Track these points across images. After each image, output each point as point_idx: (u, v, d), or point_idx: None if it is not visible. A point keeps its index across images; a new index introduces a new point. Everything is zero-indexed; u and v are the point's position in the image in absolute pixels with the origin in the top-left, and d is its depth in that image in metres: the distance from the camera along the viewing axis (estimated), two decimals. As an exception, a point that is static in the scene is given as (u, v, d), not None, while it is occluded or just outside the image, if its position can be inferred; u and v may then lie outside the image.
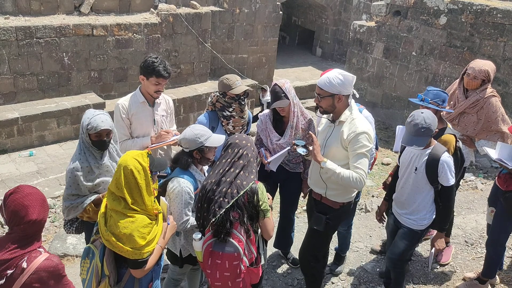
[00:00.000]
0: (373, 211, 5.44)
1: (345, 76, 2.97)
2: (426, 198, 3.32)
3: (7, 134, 7.83)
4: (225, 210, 2.53)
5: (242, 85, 3.60)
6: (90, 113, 2.96)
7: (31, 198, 2.13)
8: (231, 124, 3.63)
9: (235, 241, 2.52)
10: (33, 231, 2.16)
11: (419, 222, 3.37)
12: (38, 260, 2.09)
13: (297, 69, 14.61)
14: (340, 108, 3.07)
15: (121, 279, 2.51)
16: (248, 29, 11.37)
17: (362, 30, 9.51)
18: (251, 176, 2.63)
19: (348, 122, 3.04)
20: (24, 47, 8.13)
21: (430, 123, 3.07)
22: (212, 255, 2.57)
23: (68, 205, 2.98)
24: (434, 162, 3.15)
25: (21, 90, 8.38)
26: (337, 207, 3.27)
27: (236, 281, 2.59)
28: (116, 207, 2.39)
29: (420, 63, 8.60)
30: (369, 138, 2.98)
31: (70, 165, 2.95)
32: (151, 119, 3.69)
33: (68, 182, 2.95)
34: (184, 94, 9.98)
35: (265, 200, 2.65)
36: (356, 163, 2.98)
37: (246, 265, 2.59)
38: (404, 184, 3.40)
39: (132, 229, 2.36)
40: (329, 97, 3.01)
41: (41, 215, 2.17)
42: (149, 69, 3.47)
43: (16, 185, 6.32)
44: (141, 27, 9.35)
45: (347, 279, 4.19)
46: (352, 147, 2.98)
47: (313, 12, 16.39)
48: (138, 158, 2.40)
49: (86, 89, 9.15)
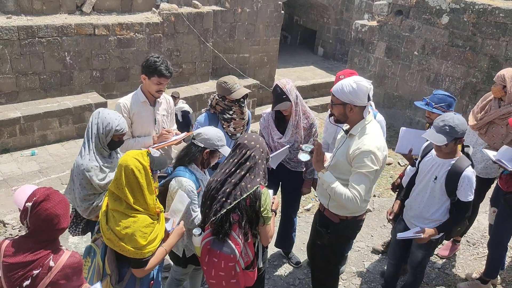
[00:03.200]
0: (374, 210, 5.43)
1: (359, 84, 2.74)
2: (441, 209, 3.20)
3: (9, 133, 7.85)
4: (226, 211, 2.52)
5: (241, 88, 3.56)
6: (113, 114, 2.95)
7: (62, 206, 2.14)
8: (232, 126, 3.62)
9: (233, 243, 2.51)
10: (59, 234, 2.18)
11: None
12: (64, 258, 2.11)
13: (298, 68, 14.61)
14: (352, 119, 2.87)
15: (123, 278, 2.51)
16: (249, 29, 11.37)
17: (364, 30, 9.50)
18: (257, 179, 2.57)
19: (358, 137, 2.84)
20: (26, 46, 8.14)
21: (458, 124, 2.93)
22: (210, 253, 2.57)
23: (88, 205, 2.97)
24: (456, 174, 3.03)
25: (23, 89, 8.40)
26: (336, 220, 3.10)
27: (230, 282, 2.58)
28: (118, 207, 2.39)
29: (422, 63, 8.58)
30: (375, 159, 2.76)
31: (79, 166, 2.91)
32: (152, 118, 3.69)
33: (82, 184, 2.92)
34: (186, 94, 9.99)
35: (267, 207, 2.60)
36: (354, 182, 2.82)
37: (242, 267, 2.58)
38: (420, 191, 3.28)
39: (134, 228, 2.36)
40: (340, 105, 2.83)
41: (69, 221, 2.22)
42: (151, 69, 3.46)
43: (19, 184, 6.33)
44: (143, 26, 9.35)
45: (348, 279, 4.19)
46: (355, 164, 2.81)
47: (315, 11, 16.37)
48: (138, 158, 2.40)
49: (88, 88, 9.16)
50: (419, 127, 8.01)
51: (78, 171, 2.91)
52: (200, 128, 3.08)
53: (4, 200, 5.96)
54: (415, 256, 3.45)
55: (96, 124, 2.91)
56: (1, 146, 7.82)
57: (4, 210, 5.60)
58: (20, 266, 2.07)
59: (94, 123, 2.92)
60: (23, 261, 2.07)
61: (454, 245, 4.54)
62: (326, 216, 3.17)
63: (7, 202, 5.87)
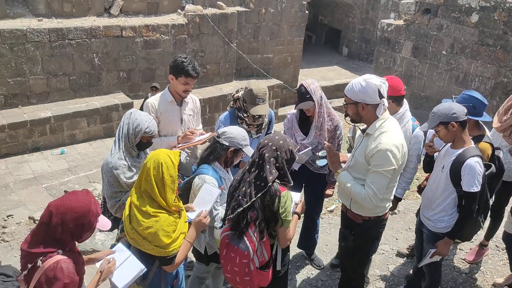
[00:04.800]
0: (399, 213, 5.35)
1: (368, 82, 2.71)
2: (447, 200, 3.15)
3: (40, 132, 8.10)
4: (243, 209, 2.54)
5: (262, 105, 3.54)
6: (143, 116, 3.02)
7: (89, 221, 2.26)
8: (244, 124, 3.67)
9: (248, 241, 2.51)
10: (72, 242, 2.26)
11: (436, 224, 3.23)
12: (49, 261, 2.15)
13: (322, 68, 14.52)
14: (367, 119, 2.84)
15: (147, 276, 2.56)
16: (274, 29, 11.37)
17: (390, 29, 9.36)
18: (269, 177, 2.53)
19: (375, 135, 2.79)
20: (57, 48, 8.38)
21: (440, 109, 3.00)
22: (228, 247, 2.60)
23: (114, 203, 3.05)
24: (459, 164, 3.00)
25: (53, 90, 8.65)
26: (359, 221, 3.06)
27: (244, 279, 2.59)
28: (141, 205, 2.44)
29: (451, 62, 8.39)
30: (393, 158, 2.72)
31: (108, 164, 2.98)
32: (179, 118, 3.74)
33: (109, 181, 3.00)
34: (210, 94, 10.08)
35: (287, 210, 2.57)
36: (369, 181, 2.80)
37: (256, 266, 2.58)
38: (430, 180, 3.30)
39: (156, 228, 2.40)
40: (353, 104, 2.81)
41: (87, 237, 2.34)
42: (178, 69, 3.52)
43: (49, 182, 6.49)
44: (169, 28, 9.49)
45: (372, 282, 4.14)
46: (372, 163, 2.78)
47: (340, 11, 16.24)
48: (170, 155, 2.48)
49: (115, 89, 9.36)
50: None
51: (107, 169, 2.99)
52: (225, 127, 3.11)
53: (35, 197, 6.16)
54: (425, 252, 3.40)
55: (127, 125, 2.98)
56: (32, 145, 8.08)
57: (34, 207, 5.78)
58: (23, 254, 2.19)
59: (125, 123, 2.99)
60: (25, 250, 2.17)
61: (481, 250, 4.41)
62: (349, 217, 3.15)
63: (38, 199, 6.07)
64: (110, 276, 2.41)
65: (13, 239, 4.95)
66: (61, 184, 6.66)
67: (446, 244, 3.17)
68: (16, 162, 7.63)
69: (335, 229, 4.81)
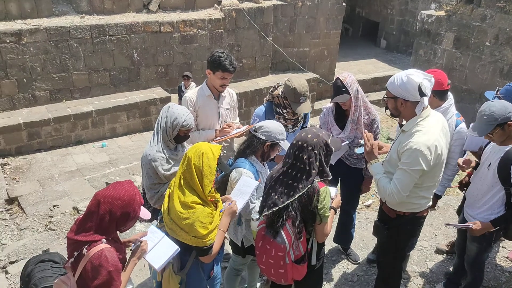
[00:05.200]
0: (439, 209, 5.22)
1: (409, 78, 2.64)
2: (495, 198, 3.06)
3: (83, 126, 8.41)
4: (278, 208, 2.53)
5: (305, 102, 3.53)
6: (181, 110, 3.08)
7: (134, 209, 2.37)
8: (281, 119, 3.66)
9: (285, 235, 2.51)
10: (115, 230, 2.36)
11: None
12: (94, 250, 2.24)
13: (360, 61, 14.26)
14: (405, 115, 2.81)
15: (185, 266, 2.63)
16: (310, 22, 11.26)
17: (430, 20, 9.08)
18: (309, 179, 2.52)
19: (409, 133, 2.77)
20: (98, 44, 8.65)
21: (495, 111, 2.83)
22: (264, 239, 2.61)
23: (153, 194, 3.15)
24: (508, 160, 2.89)
25: (95, 85, 8.95)
26: (393, 216, 3.05)
27: (278, 271, 2.61)
28: (180, 195, 2.50)
29: (495, 54, 8.05)
30: (422, 158, 2.67)
31: (147, 156, 3.06)
32: (216, 112, 3.80)
33: (148, 173, 3.09)
34: (246, 88, 10.11)
35: (325, 206, 2.57)
36: (395, 178, 2.80)
37: (292, 260, 2.59)
38: (477, 179, 3.19)
39: (193, 219, 2.46)
40: (392, 99, 2.78)
41: (130, 226, 2.44)
42: (216, 64, 3.57)
43: (91, 174, 6.72)
44: (205, 22, 9.58)
45: (410, 278, 4.07)
46: (401, 160, 2.78)
47: (378, 2, 15.87)
48: (212, 148, 2.54)
49: (153, 83, 9.57)
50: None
51: (146, 161, 3.08)
52: (262, 121, 3.13)
53: (78, 188, 6.40)
54: (469, 250, 3.33)
55: (165, 118, 3.05)
56: (75, 138, 8.41)
57: (78, 198, 6.02)
58: (70, 242, 2.29)
59: (163, 117, 3.06)
60: (72, 239, 2.27)
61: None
62: (384, 211, 3.14)
63: (81, 190, 6.31)
64: (144, 256, 2.48)
65: (59, 227, 5.19)
66: (103, 176, 6.89)
67: (484, 227, 3.08)
68: (60, 155, 7.96)
69: (371, 224, 4.73)
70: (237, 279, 3.50)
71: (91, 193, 5.93)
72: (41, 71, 8.26)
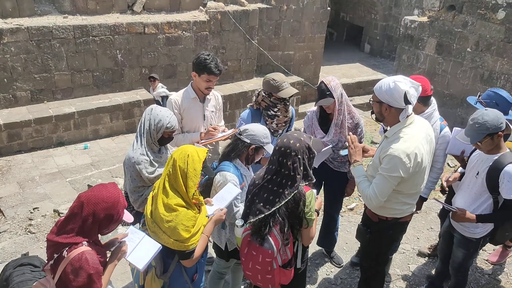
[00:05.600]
0: (421, 212, 5.28)
1: (396, 85, 2.63)
2: (483, 206, 3.07)
3: (65, 127, 8.28)
4: (263, 216, 2.51)
5: (289, 87, 3.57)
6: (164, 112, 3.05)
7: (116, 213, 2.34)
8: (275, 122, 3.65)
9: (272, 240, 2.50)
10: (97, 233, 2.32)
11: (471, 230, 3.17)
12: (74, 252, 2.20)
13: (344, 65, 14.39)
14: (389, 121, 2.82)
15: (167, 270, 2.60)
16: (295, 26, 11.32)
17: (413, 26, 9.21)
18: (294, 184, 2.51)
19: (391, 139, 2.77)
20: (81, 44, 8.54)
21: (488, 120, 2.81)
22: (250, 245, 2.59)
23: (137, 197, 3.10)
24: (497, 170, 2.90)
25: (77, 85, 8.83)
26: (376, 220, 3.07)
27: (266, 277, 2.59)
28: (164, 197, 2.48)
29: (476, 60, 8.21)
30: (401, 165, 2.67)
31: (130, 159, 3.01)
32: (201, 114, 3.78)
33: (132, 176, 3.04)
34: (231, 91, 10.11)
35: (311, 209, 2.57)
36: (374, 182, 2.82)
37: (279, 265, 2.58)
38: (464, 187, 3.20)
39: (176, 222, 2.44)
40: (378, 103, 2.77)
41: (113, 229, 2.39)
42: (201, 66, 3.55)
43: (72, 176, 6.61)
44: (190, 24, 9.55)
45: (393, 281, 4.11)
46: (381, 165, 2.79)
47: (362, 7, 16.05)
48: (198, 151, 2.53)
49: (137, 85, 9.48)
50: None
51: (129, 164, 3.03)
52: (247, 125, 3.12)
53: (59, 191, 6.30)
54: (455, 256, 3.36)
55: (148, 121, 3.01)
56: (57, 140, 8.27)
57: (59, 200, 5.93)
58: (50, 244, 2.25)
59: (146, 119, 3.03)
60: (52, 240, 2.23)
61: (505, 251, 4.33)
62: (368, 215, 3.15)
63: (62, 193, 6.21)
64: (126, 257, 2.44)
65: (39, 231, 5.09)
66: (85, 178, 6.80)
67: (467, 217, 3.05)
68: (41, 156, 7.83)
69: (355, 227, 4.76)
70: (220, 282, 3.48)
71: (73, 196, 5.85)
72: (22, 71, 8.12)
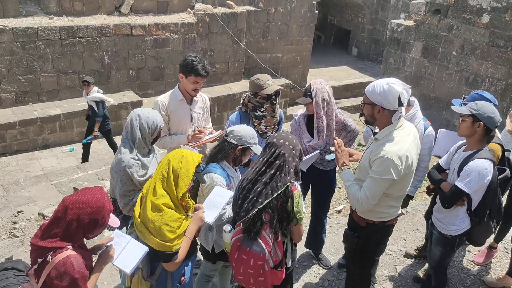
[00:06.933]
0: (407, 213, 5.33)
1: (390, 87, 2.62)
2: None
3: (50, 129, 8.18)
4: (257, 210, 2.54)
5: (273, 84, 3.58)
6: (153, 113, 3.04)
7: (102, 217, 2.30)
8: (263, 124, 3.64)
9: (263, 243, 2.51)
10: (82, 237, 2.29)
11: (447, 227, 3.21)
12: (59, 257, 2.17)
13: (332, 68, 14.49)
14: (380, 123, 2.79)
15: (154, 272, 2.58)
16: (283, 29, 11.36)
17: (400, 29, 9.32)
18: (287, 177, 2.55)
19: (382, 142, 2.75)
20: (67, 46, 8.45)
21: (481, 106, 2.90)
22: (240, 250, 2.59)
23: (127, 201, 3.05)
24: (464, 163, 2.96)
25: (63, 87, 8.73)
26: (363, 224, 3.04)
27: (258, 280, 2.59)
28: (152, 195, 2.46)
29: (461, 63, 8.33)
30: (393, 167, 2.66)
31: (120, 163, 2.96)
32: (189, 116, 3.76)
33: (122, 180, 2.99)
34: (219, 93, 10.10)
35: (300, 208, 2.59)
36: (365, 185, 2.79)
37: (271, 266, 2.58)
38: (445, 183, 3.27)
39: (161, 222, 2.42)
40: (369, 105, 2.75)
41: (98, 233, 2.36)
42: (188, 68, 3.54)
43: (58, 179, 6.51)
44: (178, 26, 9.52)
45: (380, 283, 4.13)
46: (372, 168, 2.76)
47: (349, 11, 16.19)
48: (193, 155, 2.53)
49: (125, 87, 9.42)
50: (456, 129, 7.79)
51: (119, 168, 2.98)
52: (233, 126, 3.12)
53: (44, 194, 6.21)
54: (433, 254, 3.39)
55: (138, 126, 2.96)
56: (42, 142, 8.17)
57: (44, 203, 5.83)
58: (34, 248, 2.21)
59: (135, 126, 2.96)
60: (36, 245, 2.19)
61: (490, 252, 4.39)
62: (354, 220, 3.14)
63: (47, 196, 6.12)
64: (113, 261, 2.41)
65: (24, 234, 5.00)
66: (70, 181, 6.71)
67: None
68: (26, 159, 7.72)
69: (342, 229, 4.78)
70: (208, 285, 3.45)
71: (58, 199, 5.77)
72: (6, 72, 8.00)
